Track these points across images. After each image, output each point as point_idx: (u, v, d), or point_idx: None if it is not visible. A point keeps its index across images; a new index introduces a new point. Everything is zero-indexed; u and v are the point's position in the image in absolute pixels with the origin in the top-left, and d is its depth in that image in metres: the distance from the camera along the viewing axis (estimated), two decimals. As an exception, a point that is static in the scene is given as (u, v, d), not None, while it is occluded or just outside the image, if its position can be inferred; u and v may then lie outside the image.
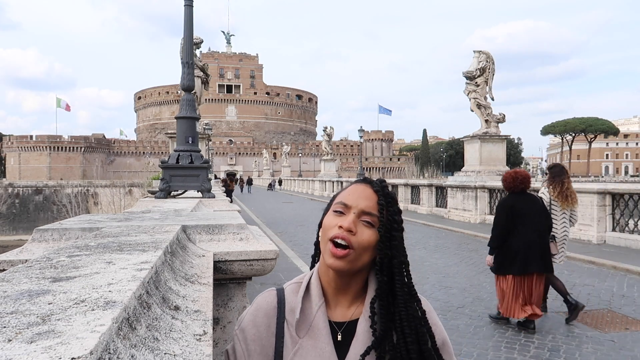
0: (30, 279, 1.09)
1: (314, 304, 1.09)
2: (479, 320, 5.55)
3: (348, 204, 1.07)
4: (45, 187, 56.08)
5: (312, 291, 1.11)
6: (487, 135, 17.52)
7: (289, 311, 1.10)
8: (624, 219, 10.83)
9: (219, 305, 2.09)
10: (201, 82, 16.03)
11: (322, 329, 1.06)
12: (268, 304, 1.13)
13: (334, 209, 1.10)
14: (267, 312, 1.12)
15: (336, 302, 1.11)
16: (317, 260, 1.19)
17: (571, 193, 5.86)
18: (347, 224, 1.04)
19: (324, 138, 40.67)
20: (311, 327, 1.07)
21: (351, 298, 1.11)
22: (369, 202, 1.07)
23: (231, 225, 2.31)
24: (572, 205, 5.89)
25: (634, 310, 5.91)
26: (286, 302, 1.12)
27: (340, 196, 1.11)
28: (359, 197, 1.08)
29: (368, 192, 1.09)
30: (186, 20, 6.99)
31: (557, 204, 5.84)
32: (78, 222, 2.52)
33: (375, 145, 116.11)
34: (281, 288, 1.17)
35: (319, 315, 1.07)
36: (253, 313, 1.13)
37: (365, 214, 1.06)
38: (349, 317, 1.09)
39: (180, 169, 6.51)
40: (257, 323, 1.11)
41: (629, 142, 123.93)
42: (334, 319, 1.09)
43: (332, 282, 1.10)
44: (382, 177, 11.63)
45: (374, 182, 1.12)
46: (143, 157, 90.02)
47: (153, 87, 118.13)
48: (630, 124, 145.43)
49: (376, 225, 1.06)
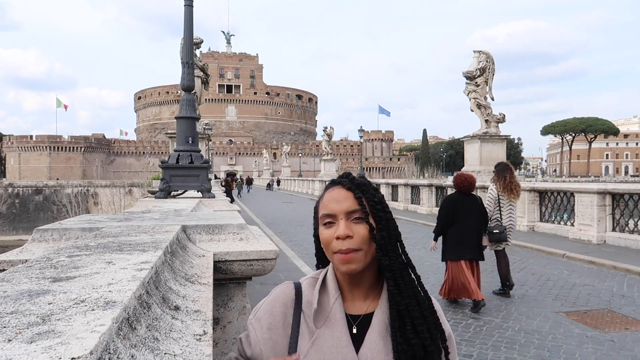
0: (30, 279, 1.09)
1: (330, 297, 1.13)
2: (479, 320, 5.55)
3: (332, 213, 1.10)
4: (45, 187, 56.08)
5: (328, 285, 1.15)
6: (487, 135, 17.52)
7: (306, 303, 1.14)
8: (624, 219, 10.83)
9: (219, 305, 2.09)
10: (201, 82, 16.03)
11: (339, 319, 1.10)
12: (286, 294, 1.17)
13: (323, 222, 1.12)
14: (285, 302, 1.15)
15: (352, 295, 1.14)
16: (321, 266, 1.24)
17: (515, 186, 6.70)
18: (342, 231, 1.07)
19: (324, 138, 40.65)
20: (328, 318, 1.10)
21: (366, 291, 1.14)
22: (348, 202, 1.10)
23: (231, 225, 2.31)
24: (517, 196, 6.72)
25: (634, 310, 5.91)
26: (303, 294, 1.16)
27: (322, 207, 1.13)
28: (337, 202, 1.10)
29: (343, 192, 1.12)
30: (186, 20, 6.99)
31: (503, 197, 6.68)
32: (78, 222, 2.52)
33: (375, 145, 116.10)
34: (298, 282, 1.21)
35: (335, 307, 1.11)
36: (271, 303, 1.17)
37: (351, 213, 1.09)
38: (365, 311, 1.12)
39: (180, 169, 6.51)
40: (274, 312, 1.14)
41: (629, 142, 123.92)
42: (350, 312, 1.12)
43: (346, 278, 1.13)
44: (382, 177, 11.67)
45: (343, 182, 1.14)
46: (143, 157, 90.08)
47: (153, 87, 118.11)
48: (630, 124, 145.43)
49: (364, 217, 1.09)
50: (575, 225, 11.74)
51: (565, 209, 12.68)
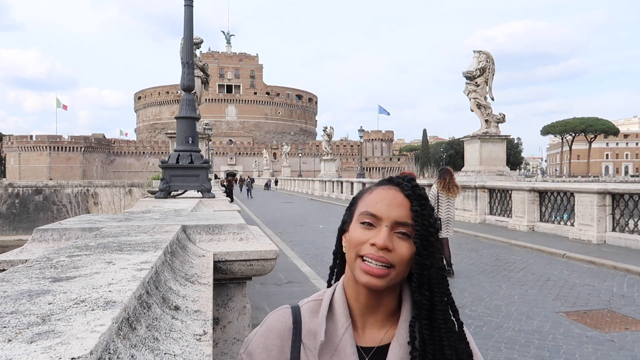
0: (30, 279, 1.09)
1: (339, 325, 0.95)
2: (479, 320, 5.54)
3: (378, 215, 0.93)
4: (45, 187, 56.11)
5: (336, 310, 0.97)
6: (487, 135, 17.52)
7: (306, 333, 0.97)
8: (624, 219, 10.82)
9: (219, 305, 2.09)
10: (201, 82, 16.04)
11: (350, 355, 0.92)
12: (282, 324, 0.99)
13: (361, 220, 0.94)
14: (281, 333, 0.98)
15: (364, 322, 0.97)
16: (336, 271, 1.07)
17: (452, 186, 8.21)
18: (381, 242, 0.89)
19: (324, 138, 40.67)
20: (336, 351, 0.93)
21: (382, 318, 0.97)
22: (402, 211, 0.93)
23: (231, 225, 2.32)
24: (454, 194, 8.26)
25: (634, 310, 5.90)
26: (303, 322, 0.98)
27: (365, 203, 0.96)
28: (389, 206, 0.93)
29: (399, 198, 0.94)
30: (186, 20, 6.99)
31: (442, 194, 8.19)
32: (78, 222, 2.52)
33: (375, 145, 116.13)
34: (296, 306, 1.03)
35: (345, 338, 0.93)
36: (263, 334, 1.00)
37: (400, 225, 0.92)
38: (379, 342, 0.95)
39: (180, 169, 6.51)
40: (268, 346, 0.97)
41: (629, 142, 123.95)
42: (361, 343, 0.95)
43: (361, 299, 0.96)
44: (382, 177, 11.79)
45: (403, 185, 0.96)
46: (143, 157, 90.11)
47: (153, 87, 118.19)
48: (630, 124, 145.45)
49: (412, 235, 0.92)
50: (575, 225, 11.74)
51: (565, 209, 12.68)
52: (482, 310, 5.88)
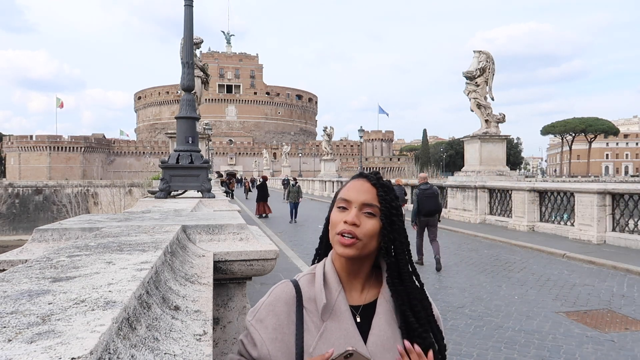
0: (30, 279, 1.09)
1: (333, 290, 1.17)
2: (479, 320, 5.54)
3: (349, 199, 1.17)
4: (45, 187, 56.05)
5: (329, 279, 1.19)
6: (487, 135, 17.51)
7: (306, 300, 1.18)
8: (624, 219, 10.82)
9: (219, 305, 2.09)
10: (201, 82, 16.03)
11: (344, 311, 1.15)
12: (287, 293, 1.20)
13: (337, 205, 1.20)
14: (287, 300, 1.19)
15: (350, 287, 1.20)
16: (320, 252, 1.31)
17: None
18: (350, 218, 1.14)
19: (324, 138, 40.66)
20: (333, 311, 1.15)
21: (363, 281, 1.21)
22: (368, 195, 1.17)
23: (231, 225, 2.31)
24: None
25: (634, 310, 5.90)
26: (302, 291, 1.20)
27: (341, 193, 1.21)
28: (358, 192, 1.18)
29: (366, 185, 1.19)
30: (186, 20, 6.99)
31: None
32: (78, 222, 2.52)
33: (375, 145, 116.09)
34: (294, 280, 1.25)
35: (339, 299, 1.16)
36: (272, 303, 1.20)
37: (366, 206, 1.16)
38: (364, 301, 1.19)
39: (180, 169, 6.51)
40: (277, 312, 1.17)
41: (629, 142, 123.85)
42: (350, 303, 1.18)
43: (344, 268, 1.19)
44: (382, 176, 12.65)
45: (370, 176, 1.22)
46: (143, 157, 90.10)
47: (153, 87, 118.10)
48: (630, 124, 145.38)
49: (378, 215, 1.16)
50: (575, 225, 11.73)
51: (565, 209, 12.68)
52: (482, 310, 5.88)
